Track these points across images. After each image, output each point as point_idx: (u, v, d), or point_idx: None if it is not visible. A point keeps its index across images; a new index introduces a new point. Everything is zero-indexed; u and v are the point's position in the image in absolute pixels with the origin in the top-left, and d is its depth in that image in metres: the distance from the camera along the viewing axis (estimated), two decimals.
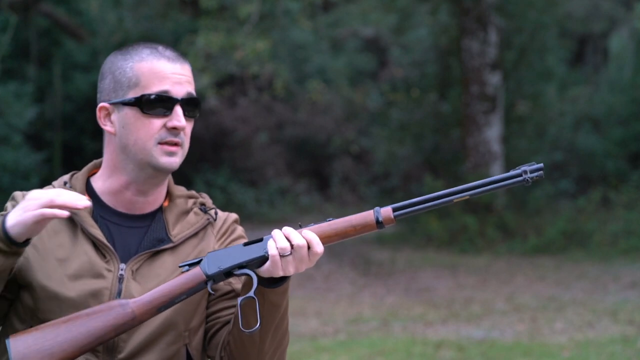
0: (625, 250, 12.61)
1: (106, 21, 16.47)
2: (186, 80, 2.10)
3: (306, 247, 1.96)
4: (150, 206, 2.15)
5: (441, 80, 16.68)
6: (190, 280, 1.98)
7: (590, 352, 7.16)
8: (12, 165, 13.83)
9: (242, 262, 1.98)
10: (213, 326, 2.13)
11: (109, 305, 1.96)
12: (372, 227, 2.00)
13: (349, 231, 2.01)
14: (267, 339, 2.05)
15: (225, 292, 2.13)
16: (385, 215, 2.00)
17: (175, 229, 2.13)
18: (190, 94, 2.09)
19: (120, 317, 1.95)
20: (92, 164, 2.20)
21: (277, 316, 2.03)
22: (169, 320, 2.06)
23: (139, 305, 1.96)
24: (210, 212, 2.18)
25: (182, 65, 2.10)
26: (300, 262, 1.96)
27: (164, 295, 1.97)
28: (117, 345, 2.04)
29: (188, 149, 2.13)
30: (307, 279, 11.44)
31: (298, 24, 15.64)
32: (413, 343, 7.68)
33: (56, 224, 2.09)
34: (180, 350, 2.08)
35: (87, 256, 2.06)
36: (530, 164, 1.98)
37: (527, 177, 1.97)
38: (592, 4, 19.40)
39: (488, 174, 14.04)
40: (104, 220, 2.11)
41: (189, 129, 2.11)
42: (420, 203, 2.00)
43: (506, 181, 1.98)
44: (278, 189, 18.39)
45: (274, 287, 1.99)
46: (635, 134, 16.30)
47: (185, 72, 2.10)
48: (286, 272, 1.96)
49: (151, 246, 2.10)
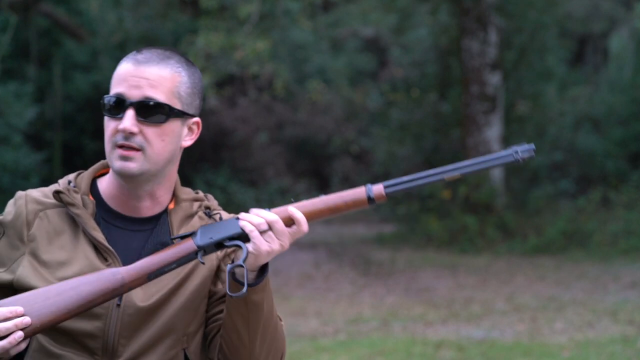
0: (625, 250, 12.61)
1: (106, 21, 16.48)
2: (147, 83, 2.04)
3: (281, 222, 1.98)
4: (154, 209, 2.13)
5: (441, 80, 16.69)
6: (181, 250, 2.00)
7: (590, 352, 7.16)
8: (12, 165, 13.83)
9: (232, 234, 2.00)
10: (213, 329, 2.12)
11: (101, 272, 1.98)
12: (363, 202, 2.02)
13: (339, 206, 2.02)
14: (256, 341, 2.04)
15: (224, 294, 2.12)
16: (377, 191, 2.02)
17: (179, 232, 2.11)
18: (147, 97, 2.03)
19: (110, 283, 1.96)
20: (100, 164, 2.18)
21: (261, 316, 2.03)
22: (169, 325, 2.06)
23: (129, 272, 1.97)
24: (214, 217, 2.16)
25: (150, 68, 2.05)
26: (282, 236, 1.98)
27: (154, 264, 1.98)
28: (116, 349, 2.03)
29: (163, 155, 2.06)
30: (307, 279, 11.44)
31: (298, 24, 15.64)
32: (413, 343, 7.68)
33: (58, 225, 2.08)
34: (179, 354, 2.08)
35: (88, 259, 2.05)
36: (521, 144, 2.00)
37: (518, 157, 1.99)
38: (592, 4, 19.40)
39: (488, 174, 14.06)
40: (107, 223, 2.10)
41: (153, 135, 2.04)
42: (411, 180, 2.02)
43: (498, 160, 2.00)
44: (278, 189, 18.40)
45: (253, 286, 1.99)
46: (635, 134, 16.30)
47: (150, 76, 2.04)
48: (272, 247, 1.97)
49: (154, 250, 2.08)
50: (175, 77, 2.08)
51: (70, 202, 2.07)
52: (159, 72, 2.06)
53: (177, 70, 2.09)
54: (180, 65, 2.09)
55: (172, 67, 2.08)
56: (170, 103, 2.06)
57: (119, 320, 2.03)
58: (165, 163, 2.09)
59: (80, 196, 2.09)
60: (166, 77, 2.06)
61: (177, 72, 2.08)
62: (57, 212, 2.09)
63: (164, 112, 2.05)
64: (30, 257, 2.05)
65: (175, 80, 2.08)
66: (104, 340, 2.03)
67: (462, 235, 13.70)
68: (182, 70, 2.09)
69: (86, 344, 2.03)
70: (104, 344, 2.03)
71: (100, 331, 2.03)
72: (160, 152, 2.06)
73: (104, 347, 2.03)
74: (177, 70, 2.09)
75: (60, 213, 2.09)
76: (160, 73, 2.06)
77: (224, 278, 2.12)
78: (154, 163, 2.05)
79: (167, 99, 2.05)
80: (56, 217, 2.08)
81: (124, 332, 2.03)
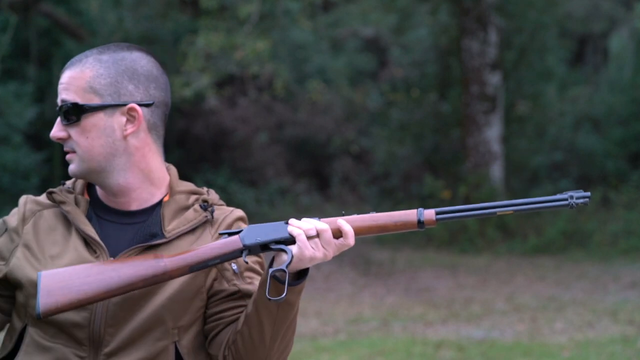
0: (625, 250, 12.61)
1: (106, 21, 16.46)
2: (62, 88, 2.08)
3: (330, 232, 2.01)
4: (144, 202, 2.15)
5: (441, 80, 16.68)
6: (226, 246, 2.03)
7: (590, 352, 7.16)
8: (12, 165, 13.82)
9: (279, 238, 2.02)
10: (217, 326, 2.13)
11: (145, 257, 2.02)
12: (413, 225, 2.05)
13: (388, 225, 2.05)
14: (277, 339, 2.06)
15: (231, 293, 2.13)
16: (428, 216, 2.04)
17: (170, 224, 2.12)
18: (61, 101, 2.09)
19: (152, 268, 1.99)
20: None
21: (290, 316, 2.06)
22: (156, 316, 2.06)
23: (172, 262, 2.00)
24: (210, 210, 2.17)
25: (65, 72, 2.10)
26: (328, 245, 2.01)
27: (198, 256, 2.01)
28: (103, 339, 2.04)
29: (95, 150, 2.08)
30: (307, 279, 11.41)
31: (298, 24, 15.64)
32: (413, 343, 7.68)
33: (52, 222, 2.13)
34: (169, 347, 2.08)
35: (77, 252, 2.08)
36: (578, 191, 2.09)
37: (572, 202, 2.07)
38: (592, 4, 19.40)
39: (488, 174, 14.06)
40: (99, 218, 2.14)
41: (76, 134, 2.08)
42: (464, 210, 2.06)
43: (552, 202, 2.07)
44: (278, 189, 18.38)
45: (292, 286, 2.03)
46: (635, 134, 16.29)
47: (64, 80, 2.09)
48: (315, 254, 2.00)
49: (143, 241, 2.10)
50: (85, 73, 2.08)
51: (61, 200, 2.14)
52: (70, 74, 2.10)
53: (89, 65, 2.09)
54: (97, 58, 2.09)
55: (85, 64, 2.09)
56: (81, 100, 2.07)
57: (105, 310, 2.04)
58: (106, 156, 2.09)
59: (74, 195, 2.15)
60: (75, 76, 2.09)
61: (88, 67, 2.09)
62: (53, 211, 2.16)
63: (75, 111, 2.07)
64: (24, 248, 2.10)
65: (86, 75, 2.08)
66: (90, 331, 2.04)
67: (462, 235, 13.70)
68: (96, 63, 2.09)
69: (74, 334, 2.04)
70: (90, 334, 2.04)
71: (87, 321, 2.04)
72: (89, 149, 2.09)
73: (91, 337, 2.04)
74: (89, 66, 2.09)
75: (55, 212, 2.15)
76: (71, 74, 2.09)
77: (228, 277, 2.13)
78: (88, 160, 2.09)
79: (78, 97, 2.07)
80: (51, 216, 2.14)
81: (110, 322, 2.04)
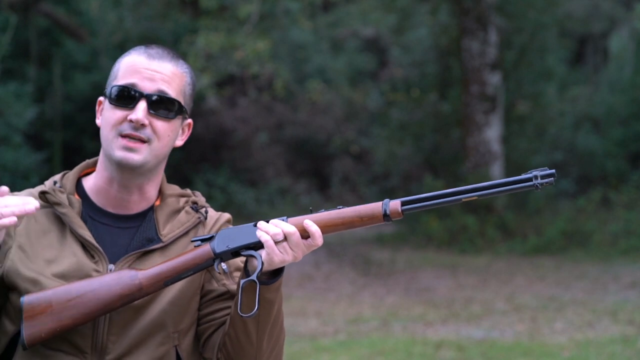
0: (625, 250, 12.61)
1: (106, 21, 16.46)
2: (161, 78, 2.06)
3: (297, 234, 1.98)
4: (140, 205, 2.13)
5: (441, 80, 16.68)
6: (198, 257, 2.02)
7: (590, 352, 7.16)
8: (12, 165, 13.82)
9: (249, 243, 2.01)
10: (208, 328, 2.12)
11: (119, 276, 2.00)
12: (379, 219, 2.00)
13: (355, 221, 2.01)
14: (264, 338, 2.05)
15: (220, 294, 2.12)
16: (393, 208, 1.99)
17: (165, 228, 2.12)
18: (161, 91, 2.05)
19: (128, 287, 1.98)
20: (85, 164, 2.19)
21: (272, 313, 2.04)
22: (157, 321, 2.06)
23: (146, 277, 1.99)
24: (201, 211, 2.17)
25: (164, 63, 2.07)
26: (296, 247, 1.98)
27: (171, 270, 2.00)
28: (105, 346, 2.03)
29: (164, 150, 2.08)
30: (307, 279, 11.44)
31: (298, 24, 15.64)
32: (413, 343, 7.68)
33: (45, 225, 2.09)
34: (170, 351, 2.08)
35: (76, 257, 2.05)
36: (542, 168, 1.97)
37: (537, 183, 1.96)
38: (592, 4, 19.41)
39: (488, 174, 14.06)
40: (94, 220, 2.11)
41: (162, 129, 2.06)
42: (429, 199, 1.99)
43: (516, 185, 1.97)
44: (278, 189, 18.38)
45: (268, 284, 2.00)
46: (635, 134, 16.30)
47: (164, 71, 2.07)
48: (284, 258, 1.98)
49: (140, 246, 2.09)
50: (183, 77, 2.12)
51: (56, 201, 2.09)
52: (172, 69, 2.09)
53: (185, 70, 2.13)
54: (187, 66, 2.14)
55: (182, 66, 2.11)
56: (179, 100, 2.09)
57: (108, 317, 2.03)
58: (163, 158, 2.11)
59: (66, 196, 2.10)
60: (178, 75, 2.10)
61: (185, 72, 2.12)
62: (44, 212, 2.10)
63: (174, 108, 2.08)
64: (17, 250, 2.06)
65: (184, 79, 2.11)
66: (93, 338, 2.03)
67: (462, 235, 13.70)
68: (188, 71, 2.13)
69: (76, 342, 2.03)
70: (93, 341, 2.03)
71: (90, 329, 2.03)
72: (163, 147, 2.08)
73: (94, 345, 2.03)
74: (185, 71, 2.12)
75: (47, 213, 2.10)
76: (173, 70, 2.09)
77: (218, 277, 2.13)
78: (155, 156, 2.07)
79: (177, 95, 2.08)
80: (43, 217, 2.09)
81: (113, 329, 2.03)
